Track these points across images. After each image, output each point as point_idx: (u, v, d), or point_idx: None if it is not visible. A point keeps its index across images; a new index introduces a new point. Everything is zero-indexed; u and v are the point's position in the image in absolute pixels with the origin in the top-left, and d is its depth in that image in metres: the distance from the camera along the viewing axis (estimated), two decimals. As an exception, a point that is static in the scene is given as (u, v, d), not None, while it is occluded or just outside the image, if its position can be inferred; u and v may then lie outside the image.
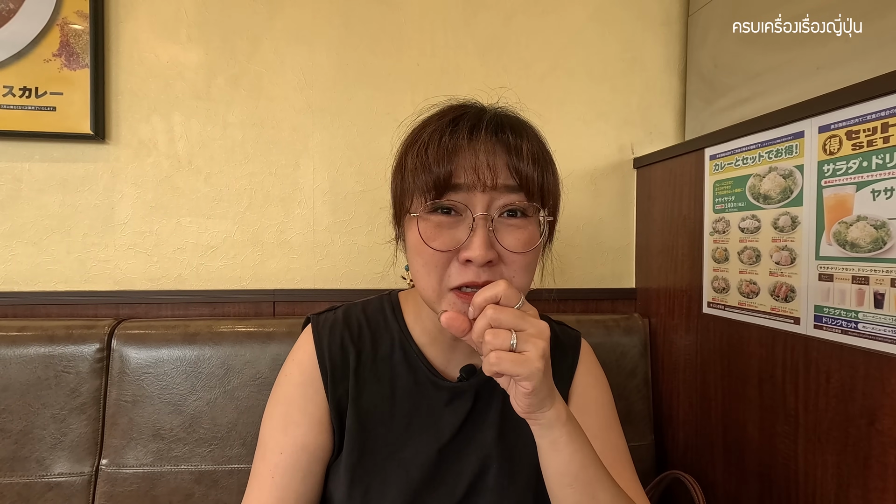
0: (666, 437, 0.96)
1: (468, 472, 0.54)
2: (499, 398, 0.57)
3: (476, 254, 0.43)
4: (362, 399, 0.54)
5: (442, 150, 0.45)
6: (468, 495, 0.53)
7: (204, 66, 0.97)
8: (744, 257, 0.76)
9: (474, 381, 0.56)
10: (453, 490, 0.53)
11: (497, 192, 0.45)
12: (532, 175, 0.46)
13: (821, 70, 0.75)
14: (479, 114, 0.48)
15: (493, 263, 0.45)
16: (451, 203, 0.45)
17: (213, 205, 0.98)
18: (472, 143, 0.45)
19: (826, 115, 0.63)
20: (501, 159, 0.46)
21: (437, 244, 0.45)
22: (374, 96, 1.02)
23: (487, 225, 0.45)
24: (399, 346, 0.57)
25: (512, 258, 0.46)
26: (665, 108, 1.10)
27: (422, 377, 0.56)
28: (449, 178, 0.45)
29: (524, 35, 1.06)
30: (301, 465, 0.52)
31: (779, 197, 0.70)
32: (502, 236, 0.45)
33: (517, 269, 0.46)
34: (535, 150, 0.47)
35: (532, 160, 0.46)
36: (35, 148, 0.94)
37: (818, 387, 0.64)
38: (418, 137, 0.48)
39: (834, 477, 0.62)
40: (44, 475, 0.80)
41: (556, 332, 0.62)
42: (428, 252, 0.46)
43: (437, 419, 0.55)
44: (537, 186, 0.47)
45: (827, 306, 0.63)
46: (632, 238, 1.10)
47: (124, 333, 0.85)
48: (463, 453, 0.54)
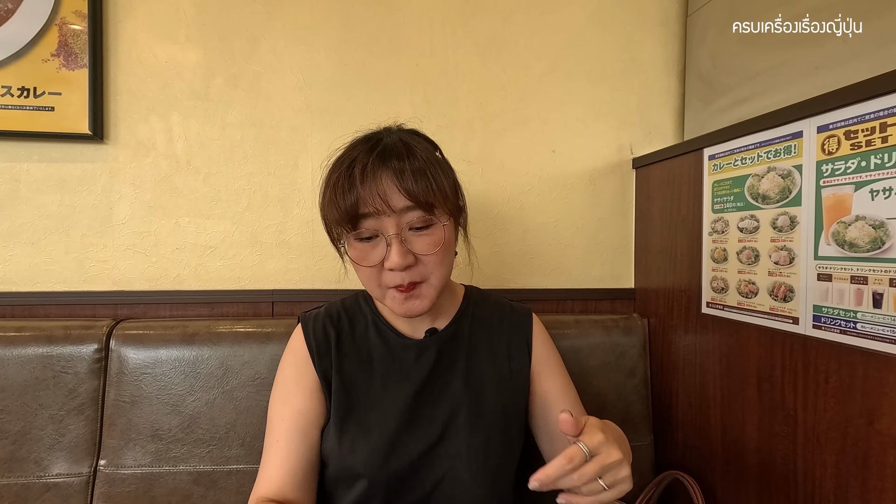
0: (665, 438, 0.95)
1: (441, 416, 0.63)
2: (463, 353, 0.67)
3: (395, 263, 0.55)
4: (344, 368, 0.65)
5: (343, 190, 0.56)
6: (442, 436, 0.62)
7: (202, 66, 0.97)
8: (742, 257, 0.76)
9: (436, 338, 0.67)
10: (428, 432, 0.62)
11: (398, 213, 0.56)
12: (418, 191, 0.55)
13: (819, 70, 0.75)
14: (370, 149, 0.57)
15: (412, 266, 0.57)
16: (368, 232, 0.57)
17: (211, 205, 0.98)
18: (365, 178, 0.55)
19: (824, 115, 0.62)
20: (392, 186, 0.55)
21: (366, 262, 0.58)
22: (373, 96, 1.02)
23: (399, 239, 0.56)
24: (372, 324, 0.68)
25: (426, 259, 0.58)
26: (664, 109, 1.10)
27: (392, 342, 0.67)
28: (356, 210, 0.55)
29: (523, 35, 1.06)
30: (300, 428, 0.62)
31: (777, 197, 0.70)
32: (413, 244, 0.57)
33: (433, 266, 0.59)
34: (419, 166, 0.56)
35: (414, 177, 0.55)
36: (33, 148, 0.93)
37: (817, 387, 0.64)
38: (329, 182, 0.59)
39: (833, 477, 0.62)
40: (42, 476, 0.80)
41: (512, 306, 0.75)
42: (362, 268, 0.59)
43: (409, 371, 0.65)
44: (430, 196, 0.56)
45: (825, 306, 0.63)
46: (631, 238, 1.10)
47: (123, 334, 0.85)
48: (435, 402, 0.64)
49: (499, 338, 0.70)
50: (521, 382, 0.69)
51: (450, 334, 0.68)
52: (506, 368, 0.68)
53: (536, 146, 1.06)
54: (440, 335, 0.68)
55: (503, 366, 0.68)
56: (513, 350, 0.70)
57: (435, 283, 0.60)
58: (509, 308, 0.74)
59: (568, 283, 1.08)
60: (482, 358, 0.68)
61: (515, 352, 0.70)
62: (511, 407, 0.67)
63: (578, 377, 0.90)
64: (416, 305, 0.59)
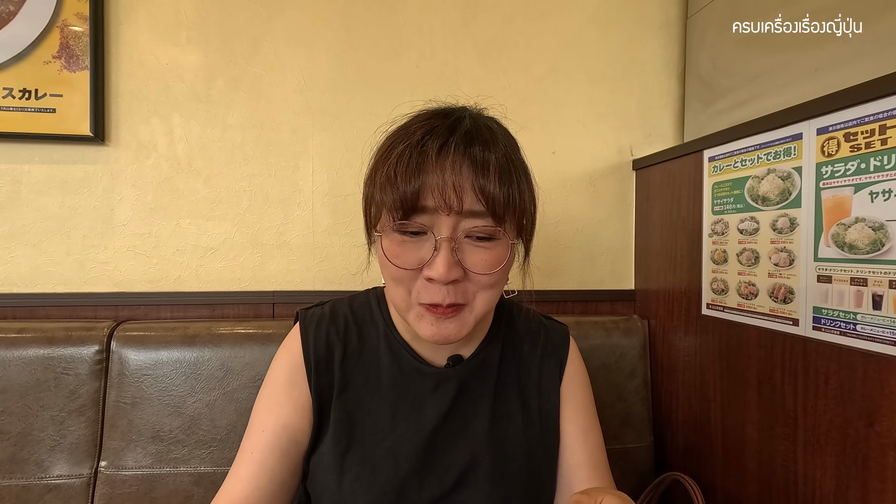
0: (665, 439, 0.96)
1: (458, 462, 0.53)
2: (489, 387, 0.57)
3: (439, 273, 0.44)
4: (349, 391, 0.55)
5: (410, 169, 0.44)
6: (458, 486, 0.53)
7: (203, 68, 0.97)
8: (743, 259, 0.76)
9: (460, 368, 0.56)
10: (443, 480, 0.52)
11: (462, 216, 0.45)
12: (499, 196, 0.45)
13: (819, 72, 0.75)
14: (451, 127, 0.47)
15: (458, 282, 0.46)
16: (416, 226, 0.46)
17: (212, 206, 0.98)
18: (439, 161, 0.44)
19: (824, 118, 0.63)
20: (468, 180, 0.45)
21: (401, 262, 0.46)
22: (373, 98, 1.02)
23: (451, 245, 0.45)
24: (384, 338, 0.57)
25: (477, 278, 0.47)
26: (664, 110, 1.10)
27: (406, 366, 0.56)
28: (416, 199, 0.44)
29: (523, 37, 1.06)
30: (280, 445, 0.53)
31: (777, 199, 0.70)
32: (467, 256, 0.46)
33: (482, 288, 0.48)
34: (503, 164, 0.46)
35: (499, 177, 0.45)
36: (35, 150, 0.94)
37: (817, 388, 0.64)
38: (389, 154, 0.47)
39: (833, 478, 0.62)
40: (43, 477, 0.80)
41: (546, 328, 0.63)
42: (393, 268, 0.47)
43: (422, 406, 0.55)
44: (504, 208, 0.46)
45: (825, 308, 0.63)
46: (631, 240, 1.10)
47: (123, 335, 0.85)
48: (453, 443, 0.54)
49: (530, 367, 0.60)
50: (551, 423, 0.58)
51: (477, 364, 0.57)
52: (535, 405, 0.58)
53: (536, 148, 1.06)
54: (466, 364, 0.57)
55: (532, 402, 0.58)
56: (544, 383, 0.60)
57: (479, 310, 0.49)
58: (544, 330, 0.63)
59: (568, 285, 1.08)
60: (511, 393, 0.58)
61: (546, 385, 0.59)
62: (539, 451, 0.57)
63: (579, 378, 0.91)
64: (451, 331, 0.48)
